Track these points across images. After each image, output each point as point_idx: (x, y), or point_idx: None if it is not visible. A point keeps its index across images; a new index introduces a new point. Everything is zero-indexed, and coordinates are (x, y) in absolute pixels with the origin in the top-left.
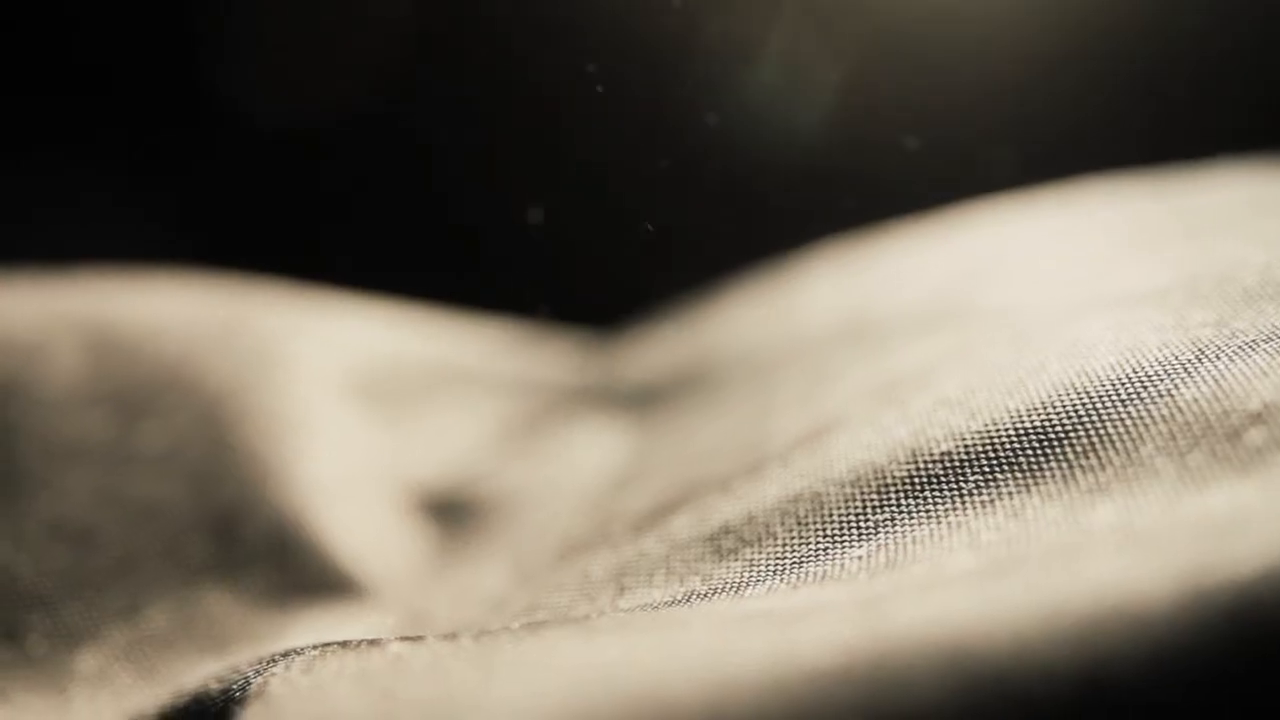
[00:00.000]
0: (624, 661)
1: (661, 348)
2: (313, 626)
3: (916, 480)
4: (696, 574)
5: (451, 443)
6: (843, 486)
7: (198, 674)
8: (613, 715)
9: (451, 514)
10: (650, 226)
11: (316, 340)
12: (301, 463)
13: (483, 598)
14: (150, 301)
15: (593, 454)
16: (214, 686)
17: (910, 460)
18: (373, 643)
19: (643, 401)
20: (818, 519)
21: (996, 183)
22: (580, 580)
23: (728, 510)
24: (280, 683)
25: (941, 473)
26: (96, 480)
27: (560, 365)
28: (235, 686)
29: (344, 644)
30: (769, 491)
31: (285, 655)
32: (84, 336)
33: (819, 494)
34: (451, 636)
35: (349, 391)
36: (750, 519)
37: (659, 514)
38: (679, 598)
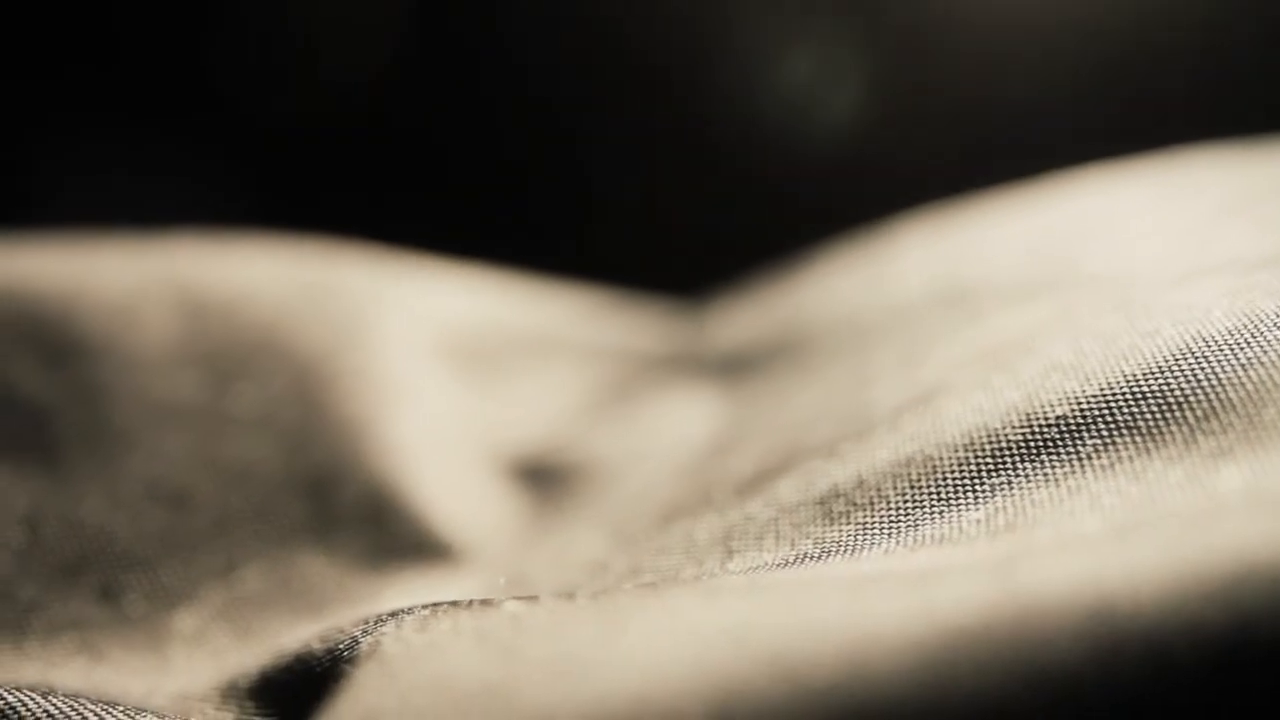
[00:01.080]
0: (755, 621)
1: (750, 316)
2: (408, 589)
3: (1032, 444)
4: (807, 537)
5: (541, 409)
6: (955, 450)
7: (297, 635)
8: (748, 674)
9: (543, 479)
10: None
11: (406, 305)
12: (395, 426)
13: (581, 562)
14: (241, 265)
15: (685, 421)
16: (317, 646)
17: (1024, 424)
18: (485, 602)
19: (733, 369)
20: (931, 482)
21: (1080, 154)
22: (685, 543)
23: (836, 474)
24: (394, 641)
25: (1058, 436)
26: (191, 442)
27: (647, 334)
28: (342, 646)
29: (454, 603)
30: (879, 455)
31: (393, 615)
32: (176, 300)
33: (931, 457)
34: (567, 596)
35: (439, 356)
36: (860, 482)
37: (762, 478)
38: (790, 560)
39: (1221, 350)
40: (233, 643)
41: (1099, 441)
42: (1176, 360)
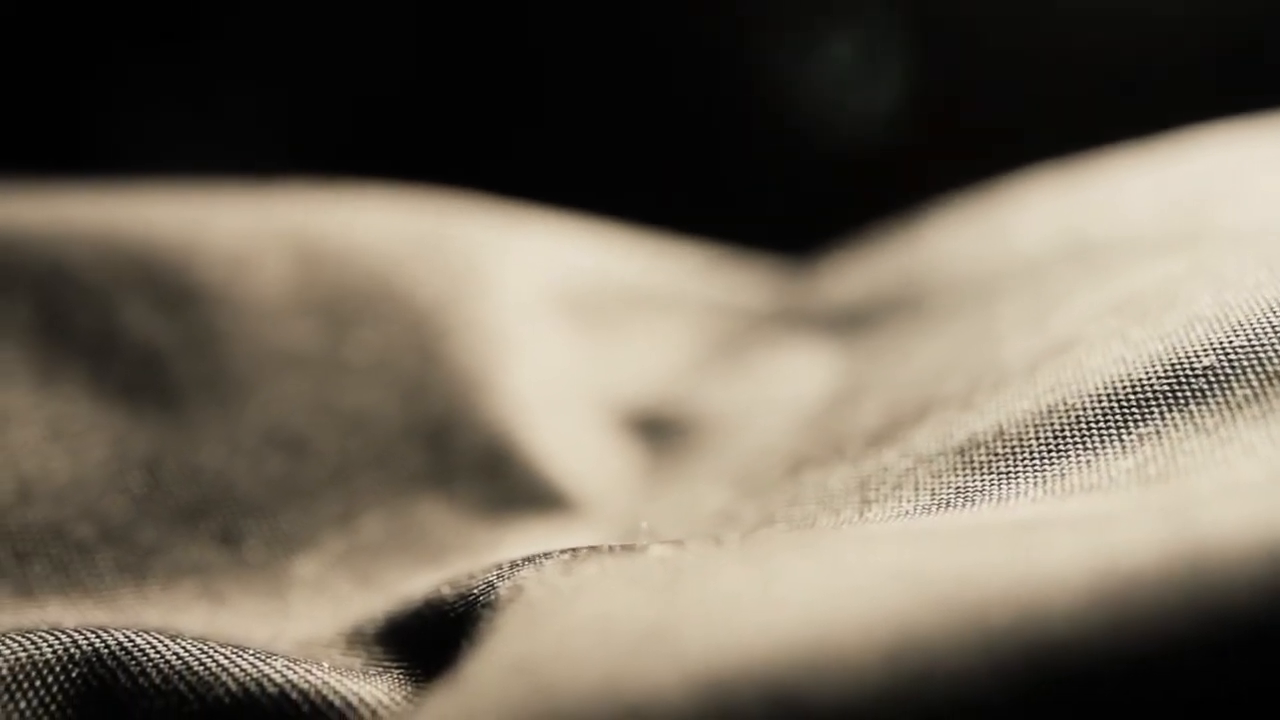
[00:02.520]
0: (922, 565)
1: (864, 273)
2: (527, 539)
3: (1179, 394)
4: (948, 486)
5: (653, 362)
6: (1099, 400)
7: (420, 583)
8: (922, 617)
9: (659, 432)
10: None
11: (519, 256)
12: (510, 376)
13: (707, 513)
14: (355, 215)
15: (801, 375)
16: (448, 592)
17: (1170, 374)
18: (628, 547)
19: (849, 324)
20: (1075, 432)
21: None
22: (819, 494)
23: (974, 424)
24: (538, 585)
25: (1205, 387)
26: (308, 389)
27: (757, 290)
28: (476, 592)
29: (593, 548)
30: (1019, 406)
31: (529, 560)
32: (291, 248)
33: (1074, 407)
34: (713, 541)
35: (551, 309)
36: (1001, 432)
37: (894, 430)
38: (932, 508)
39: None
40: (353, 590)
41: (1249, 392)
42: None
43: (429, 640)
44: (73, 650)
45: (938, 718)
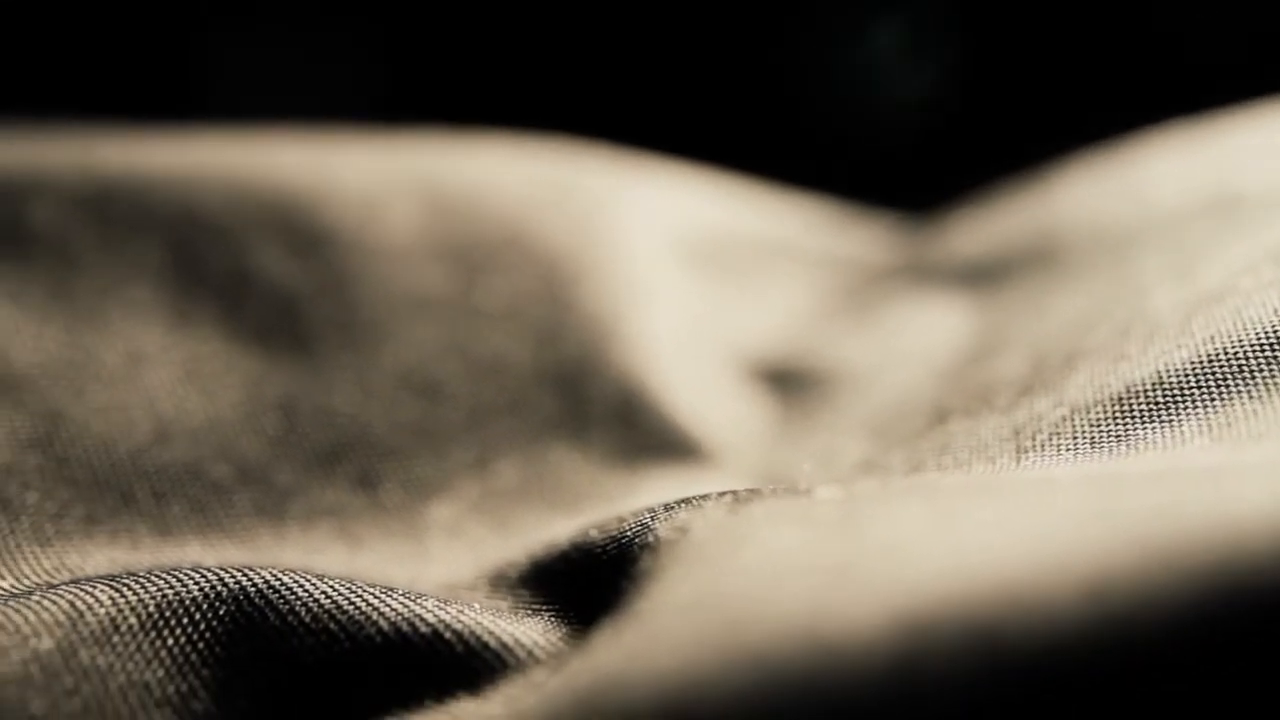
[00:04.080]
0: (1112, 506)
1: (990, 227)
2: (663, 487)
3: None
4: (1108, 434)
5: (777, 314)
6: (1260, 350)
7: (557, 528)
8: (1122, 557)
9: (788, 383)
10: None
11: (646, 205)
12: (642, 324)
13: (849, 461)
14: (482, 161)
15: (932, 327)
16: (597, 535)
17: None
18: (789, 489)
19: (978, 278)
20: (1238, 381)
21: None
22: (971, 442)
23: (1130, 374)
24: (704, 525)
25: None
26: (441, 333)
27: (879, 244)
28: (630, 534)
29: (755, 490)
30: (1177, 356)
31: (684, 502)
32: (420, 193)
33: (1235, 356)
34: (879, 483)
35: (677, 257)
36: (1160, 382)
37: (1044, 380)
38: (1094, 457)
39: None
40: (490, 535)
41: None
42: None
43: (579, 583)
44: (219, 588)
45: (1141, 658)
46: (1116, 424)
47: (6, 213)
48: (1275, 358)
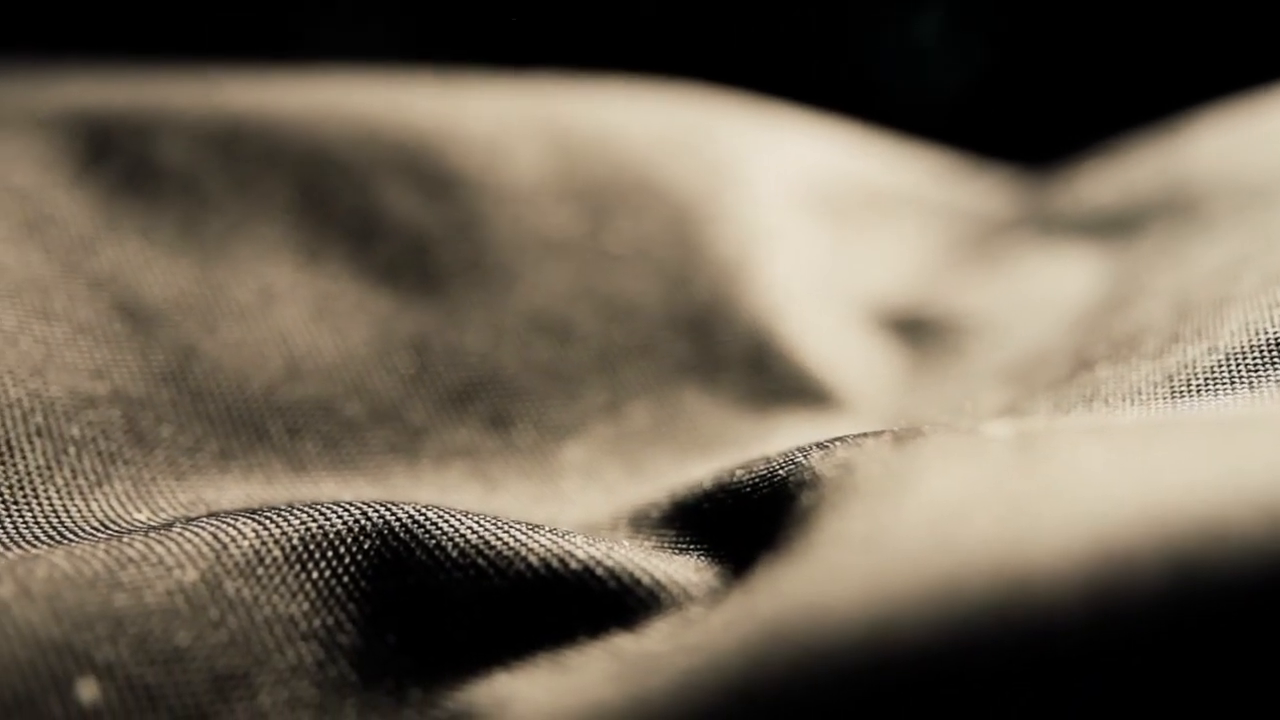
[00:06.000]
0: None
1: (1117, 178)
2: (796, 433)
3: None
4: (1267, 378)
5: (902, 263)
6: None
7: (695, 471)
8: None
9: (916, 331)
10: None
11: (773, 152)
12: (770, 270)
13: (992, 408)
14: (609, 106)
15: (1063, 277)
16: (743, 475)
17: None
18: (950, 426)
19: (1110, 228)
20: None
21: None
22: (1121, 388)
23: None
24: (871, 463)
25: None
26: (570, 275)
27: (1001, 196)
28: (783, 473)
29: (917, 429)
30: None
31: (839, 441)
32: (547, 136)
33: None
34: (1048, 422)
35: (802, 204)
36: None
37: (1192, 327)
38: (1255, 401)
39: None
40: (623, 477)
41: None
42: None
43: (728, 522)
44: (363, 523)
45: None
46: (1274, 368)
47: (136, 150)
48: None
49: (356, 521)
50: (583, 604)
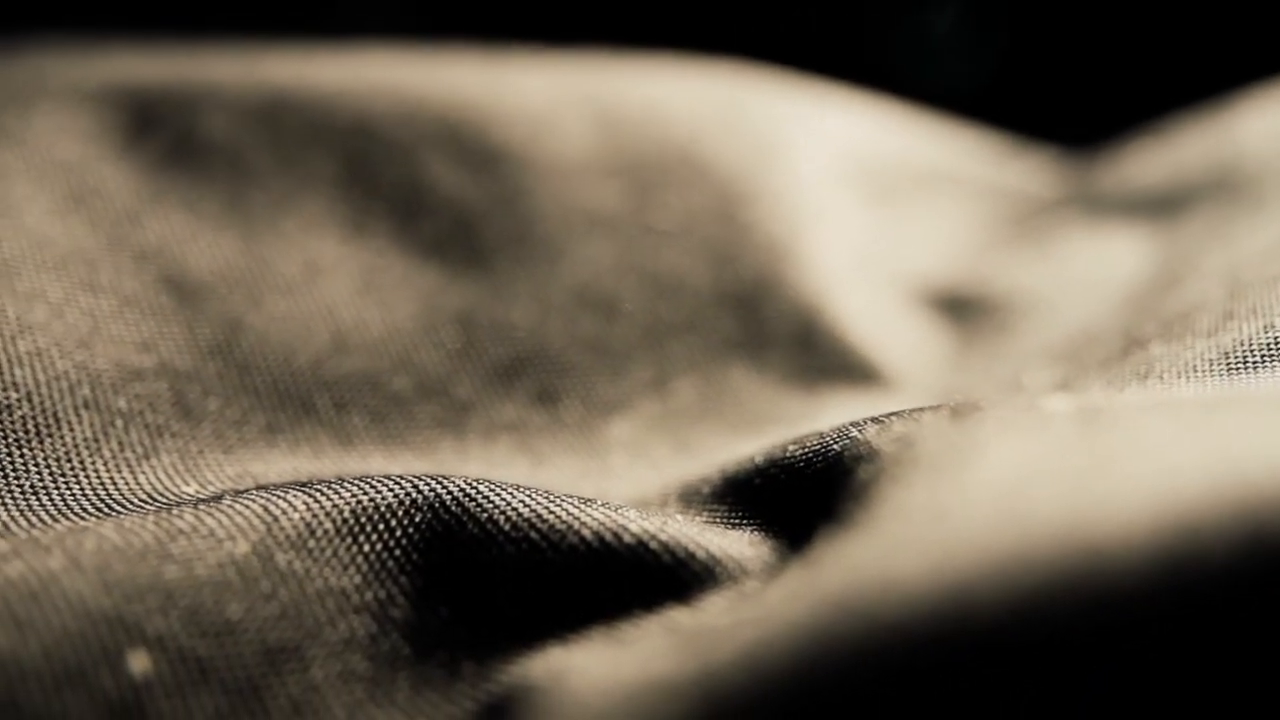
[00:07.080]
0: None
1: (1164, 159)
2: (843, 410)
3: None
4: None
5: (947, 241)
6: None
7: (744, 448)
8: None
9: (962, 310)
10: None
11: (818, 129)
12: (817, 247)
13: (1042, 385)
14: (653, 82)
15: (1110, 256)
16: (795, 450)
17: None
18: (1007, 401)
19: (1156, 208)
20: None
21: None
22: (1175, 365)
23: None
24: (931, 437)
25: None
26: (616, 250)
27: (1045, 175)
28: (839, 448)
29: (975, 404)
30: None
31: (895, 415)
32: (591, 111)
33: None
34: (1112, 396)
35: (847, 182)
36: None
37: (1248, 305)
38: None
39: None
40: (671, 454)
41: None
42: None
43: (782, 497)
44: (414, 496)
45: None
46: None
47: (181, 124)
48: None
49: (408, 494)
50: (637, 578)
